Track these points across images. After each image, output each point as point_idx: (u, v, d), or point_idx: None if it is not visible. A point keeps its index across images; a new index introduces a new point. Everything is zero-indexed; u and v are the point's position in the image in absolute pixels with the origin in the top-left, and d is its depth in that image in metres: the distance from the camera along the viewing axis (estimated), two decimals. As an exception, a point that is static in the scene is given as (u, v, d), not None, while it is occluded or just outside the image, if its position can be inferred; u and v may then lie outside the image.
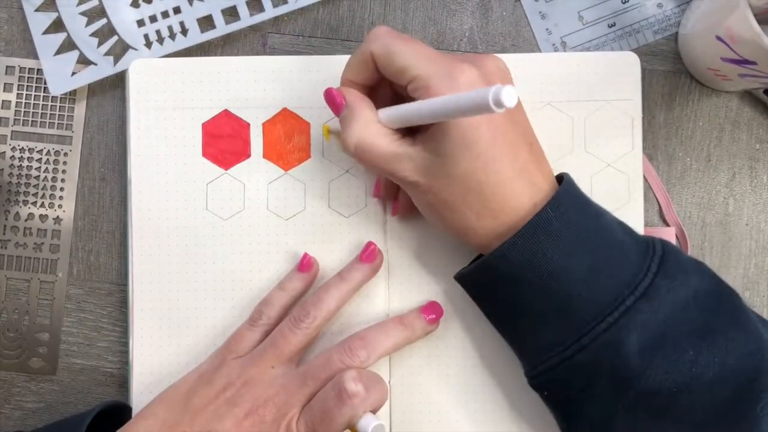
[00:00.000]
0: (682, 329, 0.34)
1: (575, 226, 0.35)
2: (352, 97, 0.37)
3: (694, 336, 0.34)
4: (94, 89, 0.45)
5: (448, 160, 0.34)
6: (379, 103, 0.38)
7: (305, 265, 0.42)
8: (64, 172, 0.45)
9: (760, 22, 0.37)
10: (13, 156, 0.45)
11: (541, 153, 0.37)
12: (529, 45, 0.46)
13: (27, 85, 0.45)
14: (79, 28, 0.44)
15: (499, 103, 0.27)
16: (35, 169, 0.45)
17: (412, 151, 0.35)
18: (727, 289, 0.36)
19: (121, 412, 0.42)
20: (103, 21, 0.45)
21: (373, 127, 0.36)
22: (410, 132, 0.37)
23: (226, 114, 0.44)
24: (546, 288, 0.35)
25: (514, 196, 0.35)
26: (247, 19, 0.45)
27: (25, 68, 0.45)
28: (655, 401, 0.34)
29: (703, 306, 0.35)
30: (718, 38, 0.40)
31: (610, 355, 0.34)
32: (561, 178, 0.37)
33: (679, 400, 0.34)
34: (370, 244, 0.42)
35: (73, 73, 0.44)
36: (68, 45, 0.45)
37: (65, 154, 0.45)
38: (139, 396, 0.42)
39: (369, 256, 0.41)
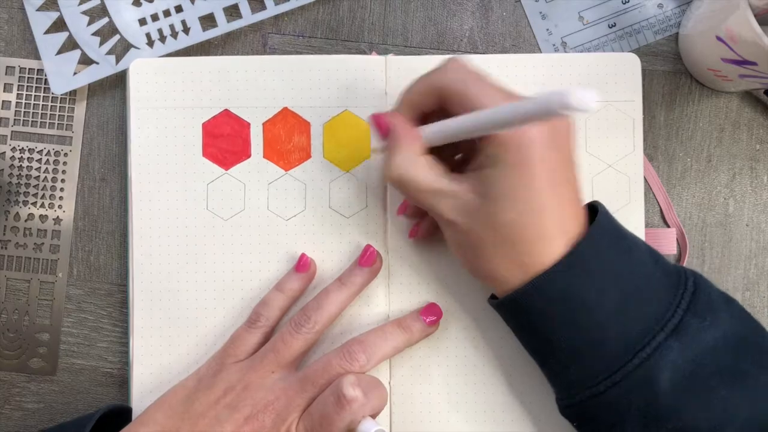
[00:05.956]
0: (712, 369, 0.33)
1: (608, 262, 0.34)
2: (399, 127, 0.36)
3: (725, 376, 0.33)
4: (95, 89, 0.45)
5: (495, 206, 0.34)
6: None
7: (302, 265, 0.42)
8: (64, 172, 0.45)
9: (760, 22, 0.37)
10: (13, 156, 0.45)
11: (579, 194, 0.36)
12: (530, 45, 0.46)
13: (27, 86, 0.45)
14: (80, 28, 0.44)
15: (567, 106, 0.25)
16: (35, 169, 0.45)
17: (456, 189, 0.35)
18: (756, 329, 0.36)
19: (121, 414, 0.42)
20: (105, 20, 0.45)
21: (418, 160, 0.35)
22: (456, 169, 0.36)
23: (226, 114, 0.44)
24: (576, 321, 0.34)
25: (550, 252, 0.34)
26: (248, 17, 0.45)
27: (25, 68, 0.45)
28: None
29: (733, 348, 0.34)
30: (719, 39, 0.40)
31: (643, 392, 0.33)
32: (594, 208, 0.36)
33: None
34: (368, 247, 0.42)
35: (75, 73, 0.44)
36: (70, 44, 0.45)
37: (65, 154, 0.45)
38: (139, 396, 0.42)
39: (368, 259, 0.41)
